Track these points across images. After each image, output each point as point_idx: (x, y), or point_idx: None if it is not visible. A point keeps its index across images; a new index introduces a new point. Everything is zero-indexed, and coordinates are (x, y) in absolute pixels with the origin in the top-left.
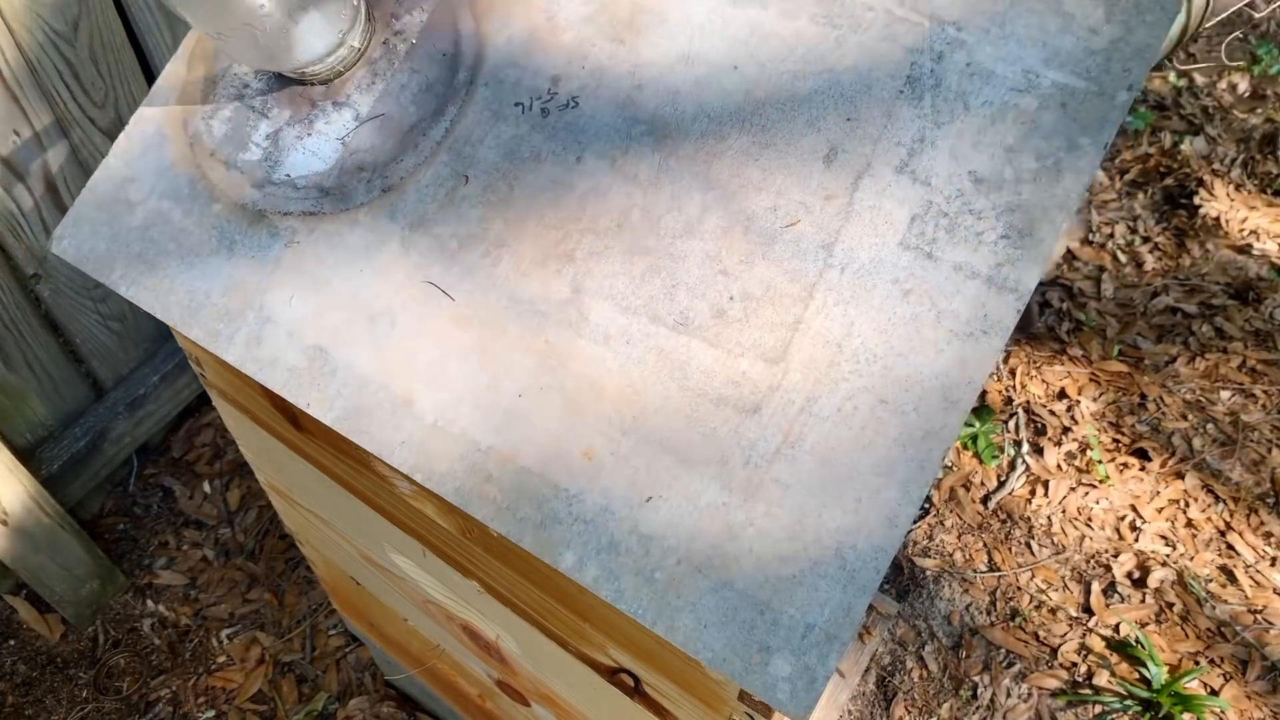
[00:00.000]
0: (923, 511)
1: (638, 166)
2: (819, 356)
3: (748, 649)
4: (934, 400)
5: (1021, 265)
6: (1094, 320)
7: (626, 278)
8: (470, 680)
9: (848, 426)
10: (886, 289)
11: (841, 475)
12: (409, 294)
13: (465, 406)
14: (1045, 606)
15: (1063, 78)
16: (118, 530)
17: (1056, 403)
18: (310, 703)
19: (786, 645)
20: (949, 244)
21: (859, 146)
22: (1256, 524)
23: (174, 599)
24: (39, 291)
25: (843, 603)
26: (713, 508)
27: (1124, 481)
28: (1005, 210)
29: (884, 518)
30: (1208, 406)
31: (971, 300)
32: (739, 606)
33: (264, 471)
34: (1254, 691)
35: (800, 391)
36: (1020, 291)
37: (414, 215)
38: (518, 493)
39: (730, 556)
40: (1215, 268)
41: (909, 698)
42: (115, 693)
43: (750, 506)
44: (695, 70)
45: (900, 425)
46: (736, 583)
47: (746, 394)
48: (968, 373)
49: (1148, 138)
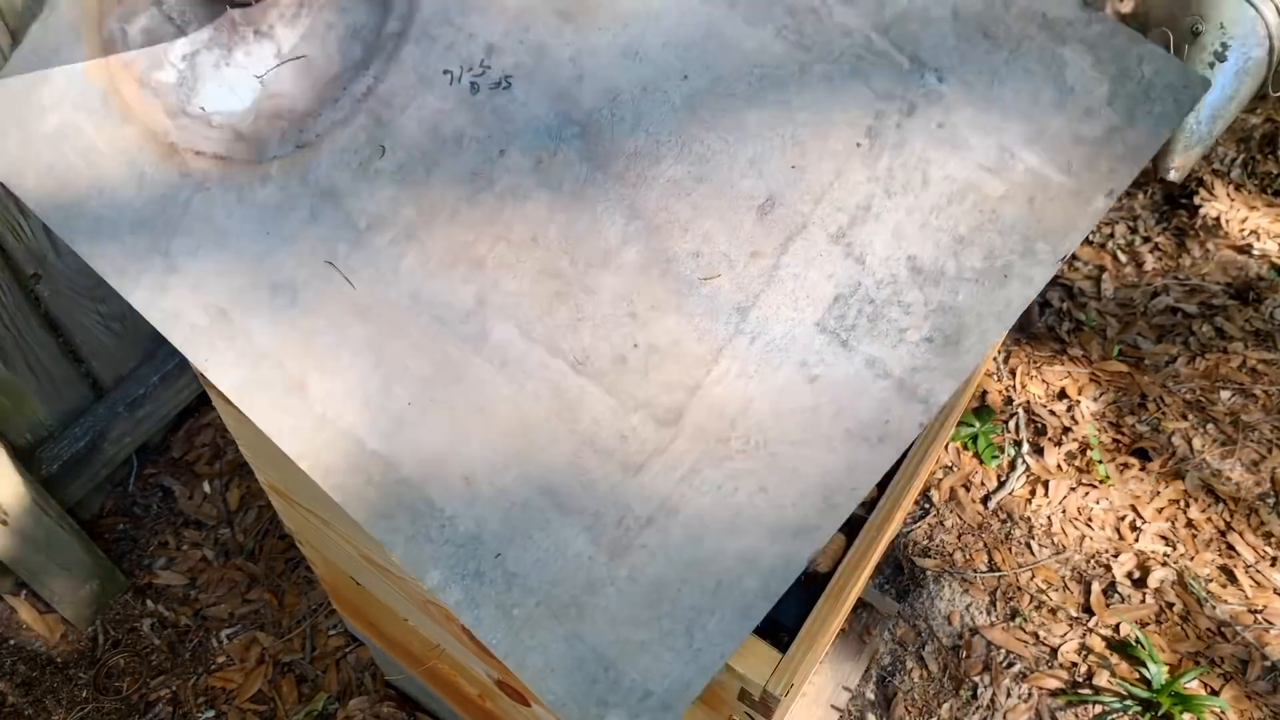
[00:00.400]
0: (923, 511)
1: (563, 175)
2: (711, 429)
3: (587, 700)
4: (814, 499)
5: (938, 376)
6: (1094, 320)
7: (534, 300)
8: (470, 680)
9: (724, 507)
10: (793, 370)
11: (707, 555)
12: (312, 269)
13: (355, 402)
14: (1045, 606)
15: (1040, 164)
16: (118, 530)
17: (1057, 403)
18: (310, 703)
19: (624, 705)
20: (868, 335)
21: (798, 201)
22: (1256, 524)
23: (174, 599)
24: (39, 291)
25: (683, 678)
26: (579, 559)
27: (1124, 481)
28: (936, 310)
29: (740, 607)
30: (1208, 406)
31: (876, 402)
32: (586, 659)
33: (264, 472)
34: (1254, 691)
35: (685, 461)
36: (930, 405)
37: (326, 182)
38: (396, 501)
39: (586, 609)
40: (1215, 268)
41: (909, 698)
42: (115, 693)
43: (615, 566)
44: (642, 70)
45: (776, 518)
46: (588, 636)
47: (633, 451)
48: (854, 478)
49: None
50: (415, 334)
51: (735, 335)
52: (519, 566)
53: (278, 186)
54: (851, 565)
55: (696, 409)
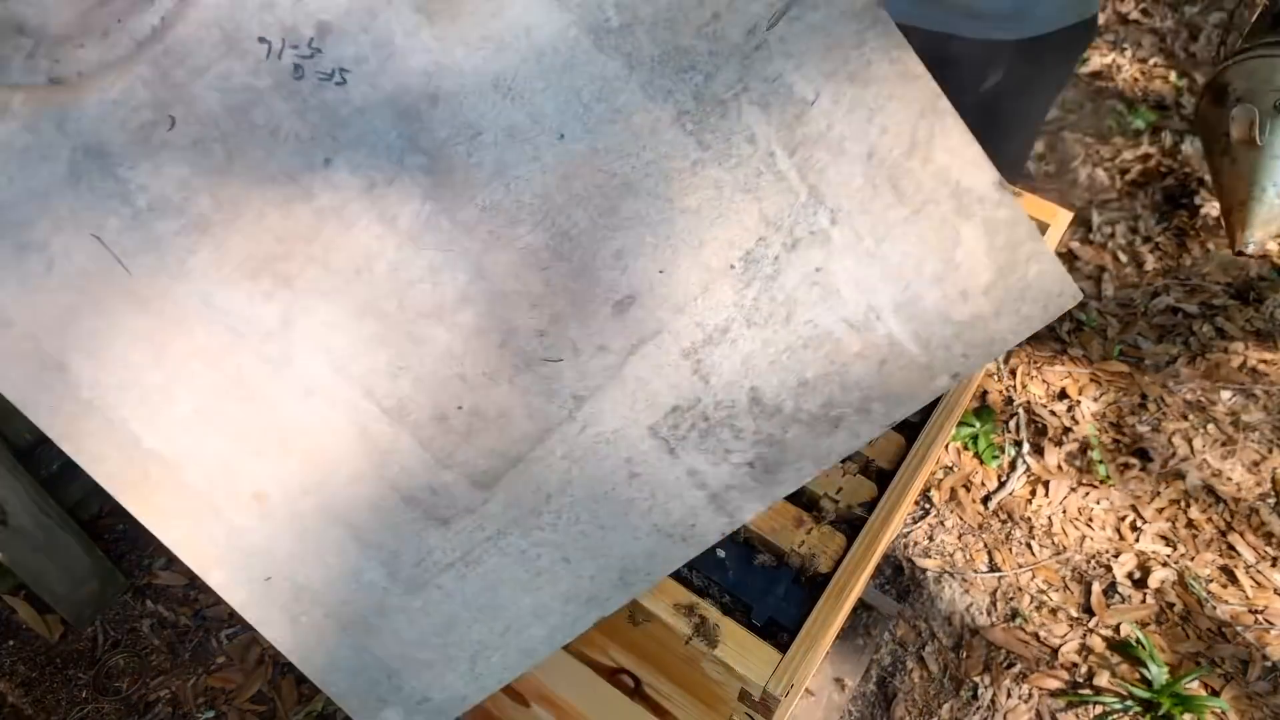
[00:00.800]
0: (923, 511)
1: (400, 208)
2: (526, 500)
3: (368, 696)
4: (611, 575)
5: (748, 497)
6: (1094, 320)
7: (350, 337)
8: None
9: (525, 569)
10: (617, 464)
11: (501, 604)
12: (74, 239)
13: (131, 396)
14: (1045, 607)
15: (902, 333)
16: (117, 530)
17: (1057, 403)
18: (310, 703)
19: (402, 705)
20: (696, 448)
21: (658, 309)
22: (1257, 524)
23: (173, 599)
24: None
25: (461, 693)
26: (373, 586)
27: (1125, 481)
28: (764, 441)
29: (523, 649)
30: (1208, 406)
31: (688, 508)
32: (370, 665)
33: None
34: (1254, 692)
35: (495, 523)
36: (734, 520)
37: (92, 137)
38: (177, 501)
39: (375, 629)
40: (1216, 268)
41: (909, 698)
42: (115, 693)
43: (408, 599)
44: (512, 113)
45: (571, 584)
46: (374, 649)
47: (442, 505)
48: (651, 566)
49: (1148, 138)
50: (205, 340)
51: (567, 420)
52: (309, 581)
53: (24, 126)
54: (851, 565)
55: (514, 479)
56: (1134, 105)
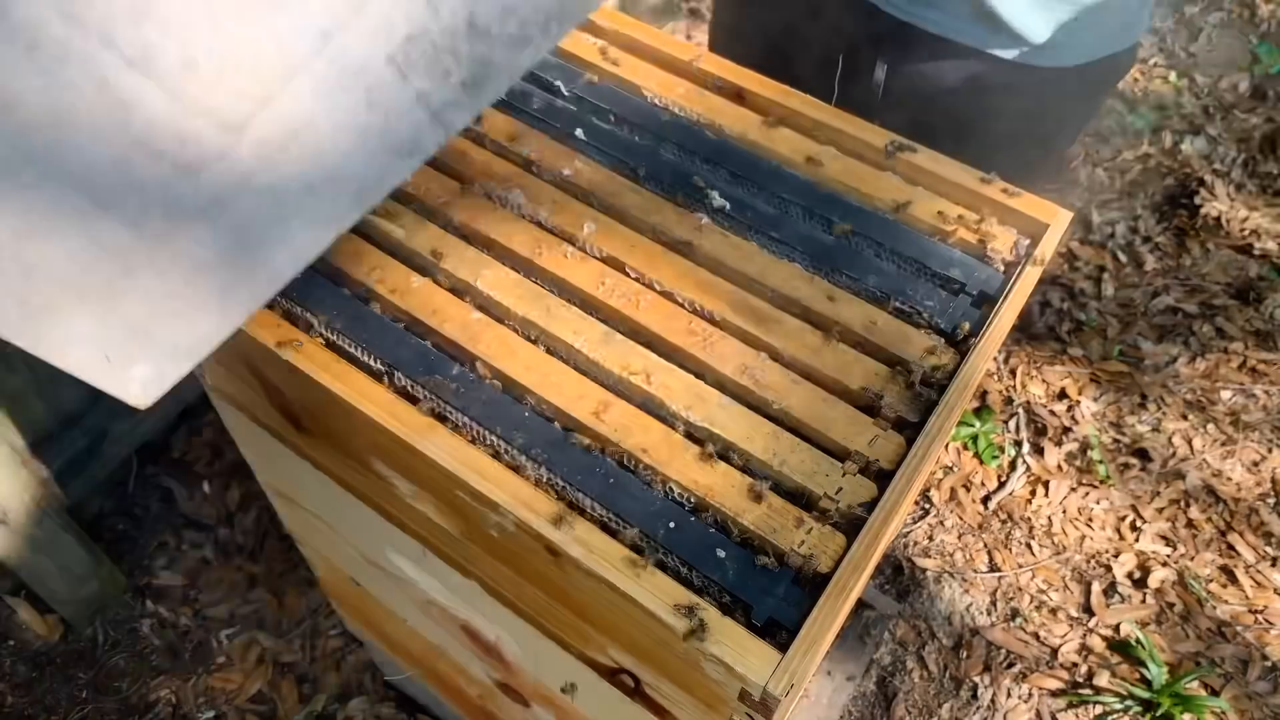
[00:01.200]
0: (923, 511)
1: None
2: (273, 138)
3: (115, 360)
4: (348, 198)
5: (460, 110)
6: (1094, 320)
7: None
8: (470, 681)
9: (275, 205)
10: (358, 95)
11: (249, 242)
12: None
13: None
14: (1045, 607)
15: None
16: (117, 530)
17: (1057, 403)
18: (310, 703)
19: (149, 359)
20: (424, 73)
21: None
22: (1257, 524)
23: (174, 599)
24: None
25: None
26: (116, 249)
27: (1124, 481)
28: (477, 61)
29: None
30: (1208, 406)
31: (413, 126)
32: (116, 328)
33: (264, 473)
34: (1254, 692)
35: (244, 165)
36: (448, 131)
37: None
38: None
39: (121, 292)
40: (1216, 268)
41: (909, 698)
42: (115, 693)
43: (156, 254)
44: None
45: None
46: (120, 311)
47: (192, 154)
48: (382, 182)
49: (1148, 138)
50: None
51: (315, 57)
52: (39, 259)
53: None
54: (852, 565)
55: (264, 119)
56: (1134, 105)
